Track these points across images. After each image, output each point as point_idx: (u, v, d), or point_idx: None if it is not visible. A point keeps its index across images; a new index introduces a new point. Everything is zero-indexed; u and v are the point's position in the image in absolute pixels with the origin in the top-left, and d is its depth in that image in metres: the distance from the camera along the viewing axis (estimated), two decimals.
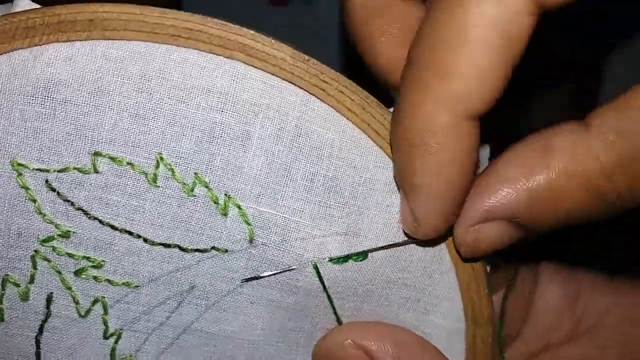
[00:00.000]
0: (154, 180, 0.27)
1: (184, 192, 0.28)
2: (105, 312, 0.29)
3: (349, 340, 0.30)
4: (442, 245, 0.30)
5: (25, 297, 0.29)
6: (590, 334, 0.39)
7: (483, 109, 0.24)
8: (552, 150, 0.25)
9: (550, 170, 0.25)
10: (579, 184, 0.24)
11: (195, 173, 0.27)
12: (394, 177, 0.28)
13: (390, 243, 0.29)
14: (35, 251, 0.28)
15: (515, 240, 0.28)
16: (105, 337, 0.30)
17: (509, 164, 0.26)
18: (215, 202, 0.28)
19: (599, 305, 0.40)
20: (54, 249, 0.28)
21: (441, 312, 0.31)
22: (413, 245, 0.30)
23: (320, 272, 0.29)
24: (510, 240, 0.28)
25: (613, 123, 0.24)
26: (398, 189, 0.28)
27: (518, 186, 0.26)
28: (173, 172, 0.27)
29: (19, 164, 0.27)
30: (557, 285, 0.41)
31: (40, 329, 0.29)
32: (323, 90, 0.27)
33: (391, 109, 0.28)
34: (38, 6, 0.27)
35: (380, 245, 0.29)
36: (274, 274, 0.29)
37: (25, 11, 0.26)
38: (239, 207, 0.28)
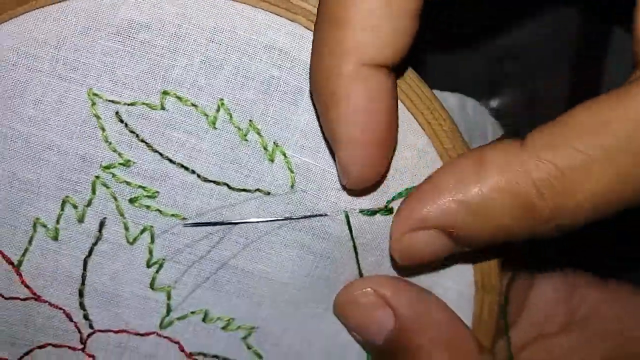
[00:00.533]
0: (214, 122, 0.31)
1: (238, 136, 0.31)
2: (152, 241, 0.32)
3: (370, 289, 0.32)
4: None
5: (81, 219, 0.31)
6: (581, 326, 0.43)
7: (384, 57, 0.25)
8: (485, 164, 0.26)
9: (481, 183, 0.26)
10: (510, 199, 0.25)
11: (250, 120, 0.31)
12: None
13: None
14: (97, 176, 0.31)
15: (453, 251, 0.29)
16: (148, 266, 0.32)
17: (445, 174, 0.27)
18: (264, 149, 0.31)
19: (591, 301, 0.43)
20: (113, 175, 0.31)
21: (454, 275, 0.34)
22: None
23: (350, 221, 0.32)
24: (446, 251, 0.29)
25: (547, 141, 0.25)
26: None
27: (451, 197, 0.26)
28: (231, 117, 0.31)
29: (94, 94, 0.30)
30: (553, 281, 0.44)
31: (90, 252, 0.32)
32: None
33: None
34: None
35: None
36: (281, 220, 0.32)
37: None
38: (284, 155, 0.31)
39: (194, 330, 0.33)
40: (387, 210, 0.32)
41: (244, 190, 0.32)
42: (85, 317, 0.33)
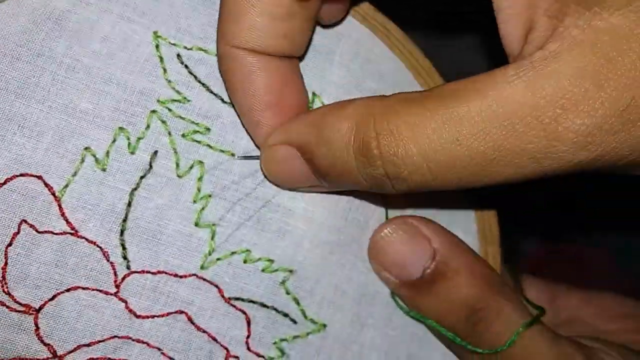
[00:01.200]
0: None
1: None
2: (201, 176, 0.33)
3: (406, 222, 0.35)
4: None
5: (133, 151, 0.32)
6: (564, 325, 0.46)
7: (247, 43, 0.30)
8: (350, 104, 0.29)
9: (336, 117, 0.29)
10: (353, 135, 0.28)
11: None
12: None
13: None
14: (153, 110, 0.32)
15: (317, 184, 0.32)
16: (195, 201, 0.32)
17: (322, 107, 0.32)
18: None
19: (573, 303, 0.48)
20: (169, 110, 0.32)
21: (462, 228, 0.38)
22: None
23: None
24: (305, 177, 0.31)
25: (404, 97, 0.28)
26: None
27: (312, 122, 0.30)
28: None
29: (159, 36, 0.33)
30: (538, 286, 0.48)
31: (137, 185, 0.31)
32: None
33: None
34: None
35: None
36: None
37: None
38: (322, 102, 0.35)
39: (233, 273, 0.33)
40: None
41: None
42: (124, 256, 0.31)
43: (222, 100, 0.34)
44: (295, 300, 0.34)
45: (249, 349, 0.33)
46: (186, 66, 0.33)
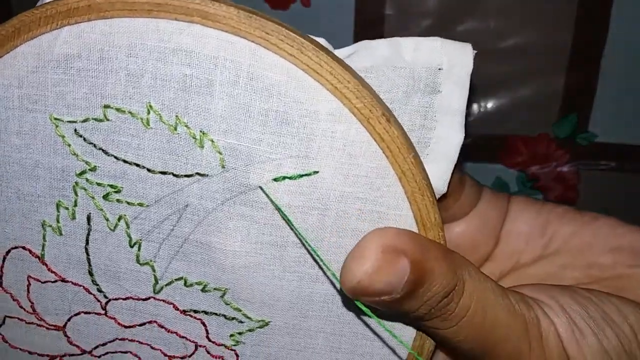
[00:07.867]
0: (148, 123, 0.36)
1: (169, 131, 0.36)
2: (128, 226, 0.39)
3: (382, 248, 0.33)
4: (386, 163, 0.36)
5: (73, 216, 0.39)
6: (554, 255, 0.43)
7: None
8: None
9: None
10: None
11: (176, 115, 0.35)
12: None
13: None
14: (76, 182, 0.38)
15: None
16: (131, 246, 0.39)
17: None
18: (193, 138, 0.36)
19: (565, 231, 0.43)
20: (87, 180, 0.38)
21: (393, 219, 0.37)
22: (359, 163, 0.36)
23: (280, 189, 0.36)
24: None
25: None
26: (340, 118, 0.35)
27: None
28: (160, 116, 0.36)
29: (55, 118, 0.37)
30: (529, 212, 0.44)
31: (87, 240, 0.40)
32: (266, 40, 0.34)
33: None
34: None
35: (327, 164, 0.35)
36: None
37: (44, 4, 0.35)
38: (211, 140, 0.36)
39: (181, 293, 0.40)
40: (312, 172, 0.35)
41: (186, 175, 0.37)
42: (99, 290, 0.41)
43: (124, 160, 0.37)
44: (237, 308, 0.40)
45: (210, 340, 0.41)
46: (84, 138, 0.37)
